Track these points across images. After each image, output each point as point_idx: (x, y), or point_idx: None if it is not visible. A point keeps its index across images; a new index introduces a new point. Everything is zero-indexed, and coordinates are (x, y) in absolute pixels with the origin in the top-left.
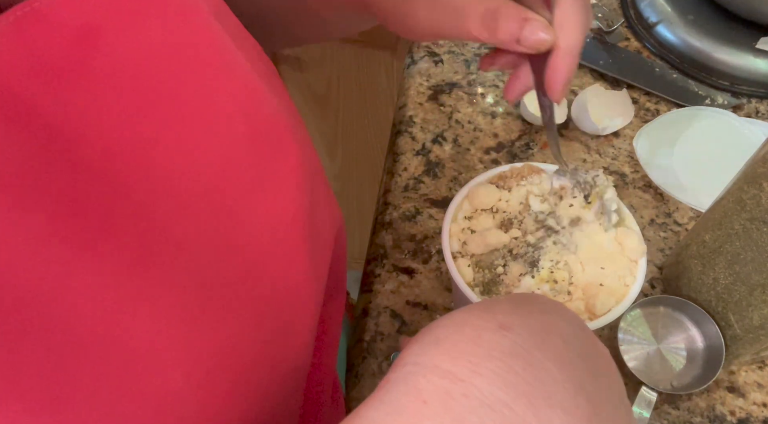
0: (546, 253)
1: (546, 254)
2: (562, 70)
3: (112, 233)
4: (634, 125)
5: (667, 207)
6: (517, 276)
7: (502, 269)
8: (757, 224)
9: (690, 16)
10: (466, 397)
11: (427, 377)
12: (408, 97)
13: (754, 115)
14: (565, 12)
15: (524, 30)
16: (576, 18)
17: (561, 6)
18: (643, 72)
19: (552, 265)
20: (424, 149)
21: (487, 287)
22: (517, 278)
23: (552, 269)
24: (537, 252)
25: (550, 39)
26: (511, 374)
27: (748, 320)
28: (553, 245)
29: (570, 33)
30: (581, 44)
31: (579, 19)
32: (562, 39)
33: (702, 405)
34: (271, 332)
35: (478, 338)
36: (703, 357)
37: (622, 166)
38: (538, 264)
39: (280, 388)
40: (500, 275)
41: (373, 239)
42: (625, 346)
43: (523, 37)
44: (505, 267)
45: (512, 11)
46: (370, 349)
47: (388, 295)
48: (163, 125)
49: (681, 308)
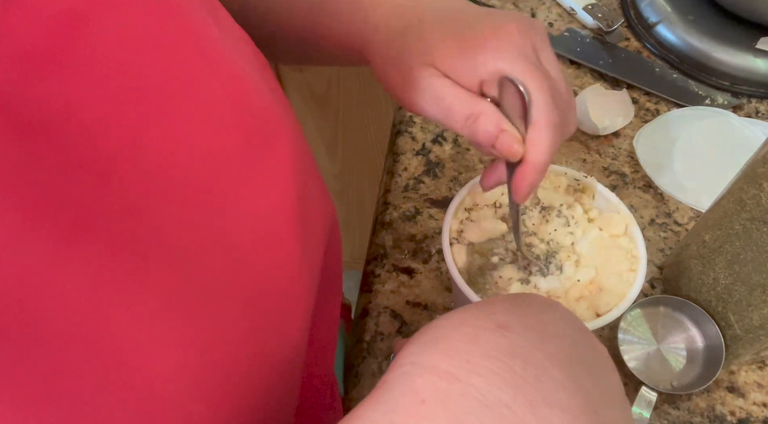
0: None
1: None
2: (526, 181)
3: (95, 226)
4: (634, 125)
5: (667, 207)
6: (508, 279)
7: (497, 259)
8: (757, 224)
9: (690, 16)
10: (464, 397)
11: (425, 377)
12: None
13: (754, 115)
14: (537, 132)
15: (498, 139)
16: (545, 140)
17: (535, 126)
18: (643, 72)
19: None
20: (424, 149)
21: (475, 276)
22: (508, 281)
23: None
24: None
25: (520, 152)
26: (510, 373)
27: (748, 320)
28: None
29: (538, 151)
30: (548, 161)
31: (548, 141)
32: (531, 155)
33: (702, 405)
34: (262, 327)
35: (476, 338)
36: (703, 357)
37: (622, 166)
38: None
39: (273, 385)
40: (494, 265)
41: (373, 239)
42: (625, 346)
43: (497, 144)
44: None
45: (492, 119)
46: (370, 349)
47: (388, 295)
48: (149, 115)
49: (681, 308)
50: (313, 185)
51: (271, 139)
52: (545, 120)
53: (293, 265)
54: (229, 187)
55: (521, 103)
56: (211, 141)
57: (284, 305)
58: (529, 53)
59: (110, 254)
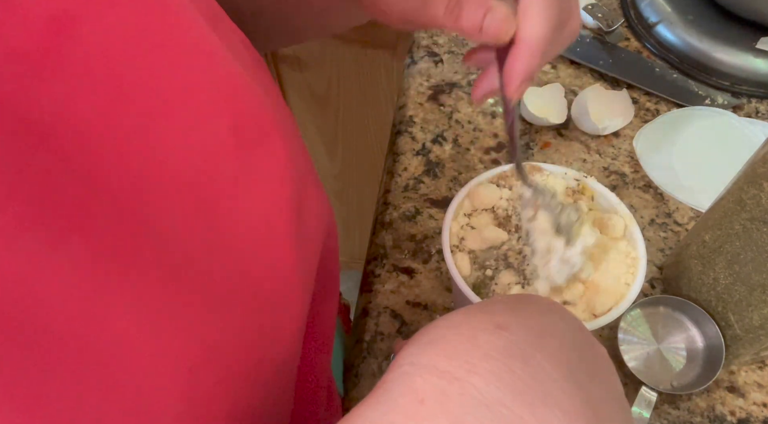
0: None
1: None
2: (518, 64)
3: (88, 227)
4: (634, 125)
5: (667, 207)
6: (507, 284)
7: (491, 272)
8: (757, 224)
9: (690, 16)
10: (463, 396)
11: (424, 377)
12: (408, 97)
13: (754, 115)
14: (529, 2)
15: (486, 20)
16: (539, 9)
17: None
18: (643, 72)
19: None
20: (424, 149)
21: (479, 287)
22: (506, 286)
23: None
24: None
25: (511, 30)
26: (509, 373)
27: (748, 320)
28: None
29: (531, 25)
30: (545, 38)
31: (543, 10)
32: (523, 30)
33: (702, 405)
34: (258, 327)
35: (475, 338)
36: (703, 357)
37: (622, 166)
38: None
39: (269, 384)
40: (492, 277)
41: (373, 239)
42: (625, 346)
43: (485, 25)
44: (496, 271)
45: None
46: (370, 349)
47: (388, 295)
48: (141, 117)
49: (681, 308)
50: (309, 187)
51: (264, 140)
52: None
53: (288, 266)
54: (221, 189)
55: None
56: (202, 142)
57: (279, 306)
58: None
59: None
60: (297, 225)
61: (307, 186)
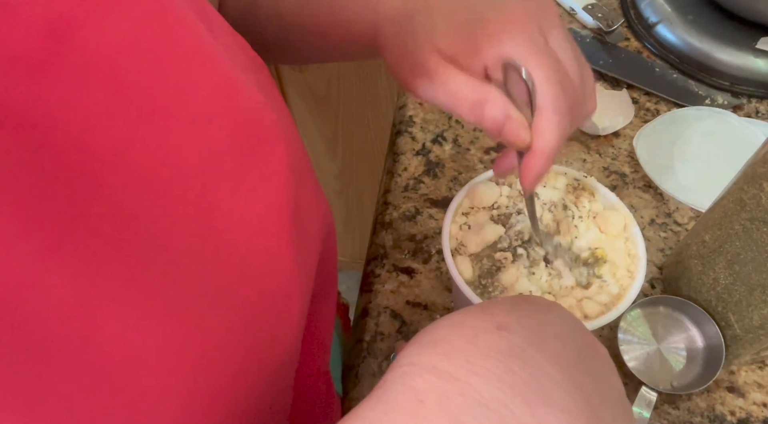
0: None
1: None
2: (533, 169)
3: (86, 231)
4: (634, 125)
5: (667, 207)
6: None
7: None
8: (757, 224)
9: (690, 16)
10: (463, 396)
11: (424, 377)
12: (408, 97)
13: (754, 115)
14: (542, 120)
15: (505, 126)
16: (551, 127)
17: (540, 114)
18: (643, 72)
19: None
20: (424, 149)
21: (483, 281)
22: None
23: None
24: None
25: (528, 140)
26: (509, 373)
27: (748, 320)
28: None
29: (544, 139)
30: (557, 148)
31: (554, 128)
32: (537, 142)
33: (702, 405)
34: (255, 330)
35: (476, 338)
36: (703, 357)
37: (622, 166)
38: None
39: (267, 385)
40: (493, 275)
41: (373, 239)
42: (625, 346)
43: (504, 132)
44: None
45: (498, 105)
46: (370, 349)
47: (388, 295)
48: (139, 121)
49: (681, 308)
50: (308, 189)
51: (263, 143)
52: (551, 107)
53: (287, 268)
54: (220, 191)
55: (526, 90)
56: (201, 145)
57: (278, 308)
58: (535, 35)
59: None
60: (296, 226)
61: (306, 187)
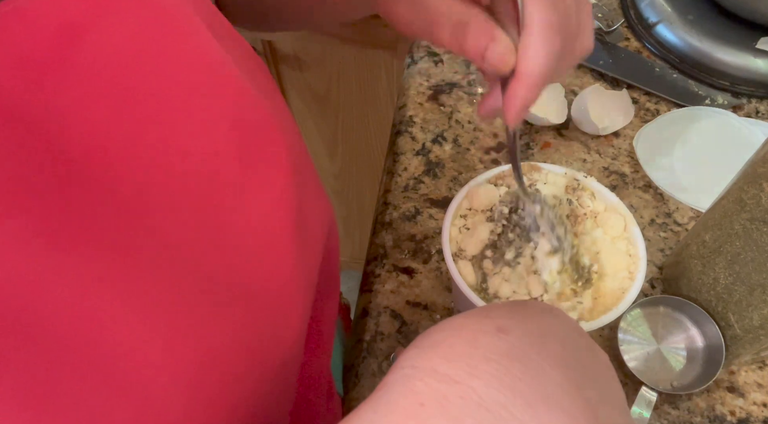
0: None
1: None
2: (517, 96)
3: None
4: (634, 125)
5: (667, 207)
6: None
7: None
8: (757, 224)
9: (690, 16)
10: (463, 399)
11: (424, 380)
12: (408, 97)
13: (754, 115)
14: (530, 37)
15: (488, 49)
16: (540, 45)
17: (528, 31)
18: (643, 72)
19: None
20: (424, 149)
21: (484, 285)
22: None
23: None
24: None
25: (511, 62)
26: (509, 376)
27: (748, 320)
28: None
29: (531, 59)
30: (543, 72)
31: (542, 47)
32: (522, 64)
33: (702, 405)
34: (260, 329)
35: (476, 341)
36: (703, 357)
37: (622, 166)
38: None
39: (270, 385)
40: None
41: (373, 239)
42: (625, 346)
43: (487, 55)
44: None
45: (482, 27)
46: (370, 349)
47: (388, 295)
48: (145, 121)
49: (681, 308)
50: (310, 189)
51: (266, 145)
52: (538, 21)
53: (290, 268)
54: (224, 192)
55: (513, 5)
56: (205, 146)
57: (280, 308)
58: None
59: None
60: (298, 228)
61: (309, 188)
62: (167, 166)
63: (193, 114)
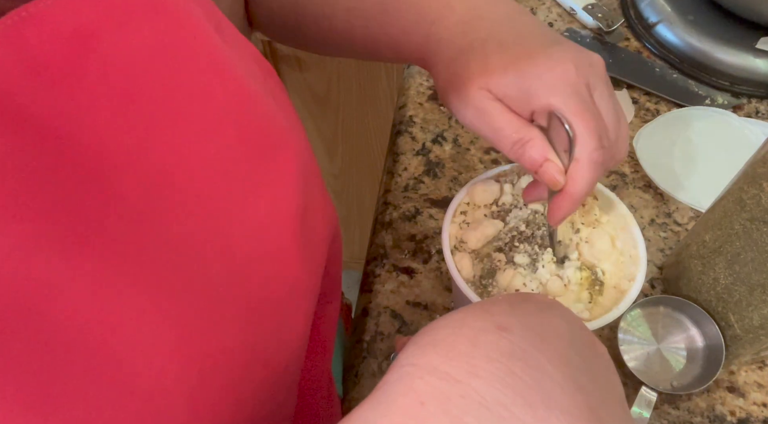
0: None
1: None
2: (561, 209)
3: (102, 234)
4: (634, 125)
5: (667, 207)
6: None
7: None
8: (757, 224)
9: (690, 16)
10: (464, 398)
11: (424, 379)
12: (408, 97)
13: (754, 115)
14: (580, 168)
15: (542, 167)
16: (584, 176)
17: (578, 164)
18: (643, 72)
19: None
20: (424, 149)
21: (484, 281)
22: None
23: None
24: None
25: (561, 183)
26: (509, 375)
27: (748, 320)
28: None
29: (576, 185)
30: (587, 194)
31: (587, 177)
32: (570, 187)
33: (702, 405)
34: (264, 332)
35: (476, 340)
36: (703, 357)
37: (622, 166)
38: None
39: (273, 388)
40: (494, 272)
41: (373, 239)
42: (625, 346)
43: (541, 172)
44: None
45: (539, 146)
46: (370, 349)
47: (388, 295)
48: (155, 127)
49: (681, 308)
50: (316, 194)
51: (275, 149)
52: (587, 159)
53: (295, 272)
54: (231, 196)
55: (567, 139)
56: (214, 151)
57: (284, 312)
58: (582, 91)
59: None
60: (303, 232)
61: (314, 192)
62: (176, 171)
63: (202, 118)
